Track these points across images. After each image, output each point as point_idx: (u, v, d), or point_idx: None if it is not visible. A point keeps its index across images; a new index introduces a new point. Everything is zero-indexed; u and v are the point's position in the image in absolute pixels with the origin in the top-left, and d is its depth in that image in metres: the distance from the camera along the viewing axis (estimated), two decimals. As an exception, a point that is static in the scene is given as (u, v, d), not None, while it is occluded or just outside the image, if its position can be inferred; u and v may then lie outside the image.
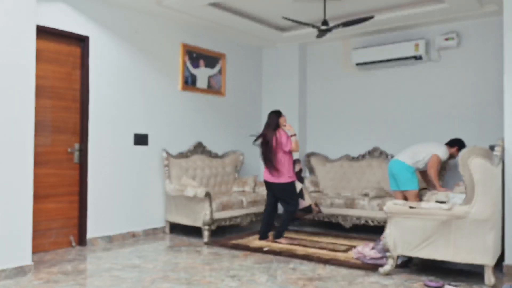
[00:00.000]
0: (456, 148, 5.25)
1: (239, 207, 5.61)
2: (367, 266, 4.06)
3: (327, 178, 6.68)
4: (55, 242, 4.75)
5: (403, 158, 5.13)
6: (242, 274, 3.83)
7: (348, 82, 6.79)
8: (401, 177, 5.09)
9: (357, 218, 5.64)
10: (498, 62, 5.25)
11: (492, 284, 3.48)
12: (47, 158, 4.68)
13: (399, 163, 5.12)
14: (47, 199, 4.68)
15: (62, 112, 4.83)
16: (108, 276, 3.77)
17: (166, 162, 5.62)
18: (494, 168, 3.54)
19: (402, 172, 5.09)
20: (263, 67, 7.41)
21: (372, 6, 5.58)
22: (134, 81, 5.45)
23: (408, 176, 5.07)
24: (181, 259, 4.39)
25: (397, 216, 3.78)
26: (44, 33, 4.60)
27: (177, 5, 5.29)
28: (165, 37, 5.83)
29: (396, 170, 5.13)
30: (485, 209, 3.46)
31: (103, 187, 5.09)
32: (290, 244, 4.97)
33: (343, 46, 6.83)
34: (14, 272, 3.66)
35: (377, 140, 6.51)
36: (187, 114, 6.12)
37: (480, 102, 5.73)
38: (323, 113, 7.03)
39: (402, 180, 5.09)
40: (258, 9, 5.78)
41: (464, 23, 5.82)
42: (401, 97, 6.33)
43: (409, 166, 5.08)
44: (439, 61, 6.02)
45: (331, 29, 5.11)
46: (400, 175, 5.10)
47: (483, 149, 3.62)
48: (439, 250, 3.62)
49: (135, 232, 5.42)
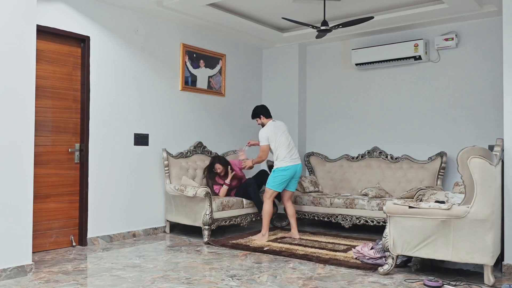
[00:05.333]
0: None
1: (239, 207, 5.62)
2: (367, 265, 4.07)
3: (326, 178, 6.69)
4: (55, 241, 4.76)
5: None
6: (242, 274, 3.84)
7: (347, 82, 6.81)
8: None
9: (357, 218, 5.65)
10: (497, 62, 5.27)
11: (491, 284, 3.49)
12: (48, 158, 4.70)
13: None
14: (47, 199, 4.69)
15: (62, 112, 4.84)
16: (109, 275, 3.78)
17: (166, 162, 5.63)
18: (493, 168, 3.55)
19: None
20: (263, 67, 7.42)
21: (372, 6, 5.60)
22: (134, 81, 5.46)
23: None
24: (181, 258, 4.40)
25: (396, 216, 3.79)
26: (44, 33, 4.61)
27: (177, 5, 5.30)
28: (165, 37, 5.84)
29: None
30: (484, 209, 3.47)
31: (103, 187, 5.11)
32: (290, 244, 4.98)
33: (342, 47, 6.84)
34: (14, 271, 3.66)
35: (376, 140, 6.52)
36: (187, 114, 6.13)
37: (479, 102, 5.74)
38: (323, 113, 7.05)
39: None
40: (258, 9, 5.79)
41: (463, 23, 5.84)
42: (401, 97, 6.34)
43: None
44: (438, 62, 6.04)
45: (330, 29, 5.12)
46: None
47: (483, 149, 3.62)
48: (438, 249, 3.63)
49: (135, 232, 5.43)
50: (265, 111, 5.47)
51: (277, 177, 5.23)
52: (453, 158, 5.57)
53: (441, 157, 5.83)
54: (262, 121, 5.44)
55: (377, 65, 6.39)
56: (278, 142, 5.26)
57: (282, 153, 5.23)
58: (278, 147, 5.25)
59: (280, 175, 5.22)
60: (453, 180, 5.74)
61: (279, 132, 5.31)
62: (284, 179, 5.24)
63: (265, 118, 5.44)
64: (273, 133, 5.28)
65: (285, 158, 5.22)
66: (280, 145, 5.25)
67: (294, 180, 5.36)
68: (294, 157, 5.30)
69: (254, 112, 5.51)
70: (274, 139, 5.26)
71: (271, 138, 5.27)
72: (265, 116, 5.44)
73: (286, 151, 5.24)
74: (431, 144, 6.04)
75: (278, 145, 5.26)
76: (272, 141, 5.27)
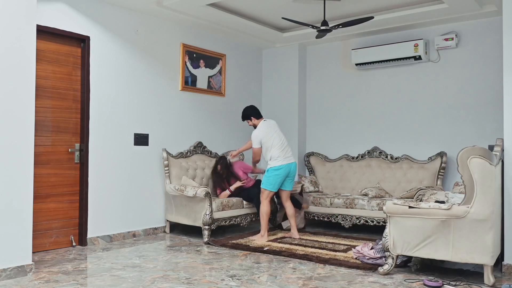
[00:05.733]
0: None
1: (239, 207, 5.62)
2: (367, 265, 4.07)
3: (326, 178, 6.69)
4: (55, 241, 4.76)
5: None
6: (242, 274, 3.84)
7: (347, 82, 6.81)
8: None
9: (357, 218, 5.65)
10: (497, 62, 5.27)
11: (491, 284, 3.49)
12: (48, 158, 4.70)
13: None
14: (47, 199, 4.69)
15: (62, 112, 4.84)
16: (109, 275, 3.78)
17: (166, 162, 5.63)
18: (493, 168, 3.55)
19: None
20: (263, 67, 7.42)
21: (372, 6, 5.60)
22: (134, 81, 5.47)
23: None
24: (181, 258, 4.40)
25: (396, 216, 3.79)
26: (44, 34, 4.61)
27: (177, 5, 5.30)
28: (165, 37, 5.84)
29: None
30: (484, 209, 3.47)
31: (103, 187, 5.11)
32: (290, 244, 4.98)
33: (342, 46, 6.84)
34: (14, 271, 3.66)
35: (376, 140, 6.52)
36: (187, 114, 6.13)
37: (479, 102, 5.74)
38: (323, 113, 7.05)
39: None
40: (258, 9, 5.79)
41: (463, 23, 5.83)
42: (401, 97, 6.34)
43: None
44: (438, 61, 6.04)
45: (330, 29, 5.13)
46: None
47: (482, 149, 3.62)
48: (438, 249, 3.63)
49: (135, 232, 5.43)
50: (255, 112, 5.43)
51: (271, 177, 5.22)
52: (453, 158, 5.58)
53: (441, 157, 5.83)
54: (254, 122, 5.41)
55: (377, 65, 6.39)
56: (271, 142, 5.23)
57: (276, 152, 5.21)
58: (272, 147, 5.22)
59: (273, 174, 5.20)
60: (453, 180, 5.74)
61: (271, 132, 5.29)
62: (279, 179, 5.22)
63: (255, 119, 5.41)
64: (266, 133, 5.26)
65: (278, 158, 5.20)
66: (274, 145, 5.23)
67: (289, 179, 5.34)
68: (288, 155, 5.28)
69: (244, 114, 5.47)
70: (266, 140, 5.24)
71: (264, 139, 5.25)
72: (256, 117, 5.41)
73: (279, 150, 5.22)
74: (431, 144, 6.04)
75: (271, 145, 5.23)
76: (265, 143, 5.24)
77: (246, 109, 5.49)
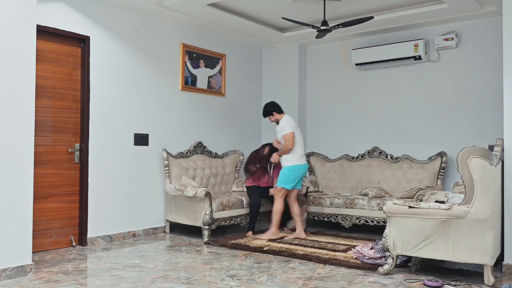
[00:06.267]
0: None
1: (239, 207, 5.62)
2: (367, 265, 4.07)
3: (326, 178, 6.69)
4: (55, 241, 4.76)
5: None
6: (242, 274, 3.84)
7: (347, 82, 6.81)
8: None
9: (357, 218, 5.65)
10: (497, 62, 5.27)
11: (491, 284, 3.49)
12: (48, 158, 4.70)
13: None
14: (47, 199, 4.69)
15: (62, 112, 4.84)
16: (109, 275, 3.78)
17: (166, 162, 5.63)
18: (493, 168, 3.55)
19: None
20: (263, 67, 7.42)
21: (372, 6, 5.60)
22: (134, 81, 5.46)
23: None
24: (181, 258, 4.40)
25: (396, 216, 3.79)
26: (44, 33, 4.61)
27: (177, 5, 5.30)
28: (165, 37, 5.84)
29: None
30: (484, 209, 3.47)
31: (103, 187, 5.11)
32: (290, 244, 4.98)
33: (342, 47, 6.84)
34: (14, 271, 3.66)
35: (376, 140, 6.52)
36: (187, 114, 6.13)
37: (480, 102, 5.74)
38: (323, 113, 7.05)
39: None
40: (258, 9, 5.79)
41: (463, 23, 5.83)
42: (401, 97, 6.34)
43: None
44: (438, 61, 6.04)
45: (330, 29, 5.13)
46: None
47: (483, 149, 3.62)
48: (438, 249, 3.63)
49: (135, 232, 5.43)
50: (277, 107, 5.42)
51: (291, 176, 5.18)
52: (453, 158, 5.58)
53: (441, 157, 5.83)
54: (276, 117, 5.37)
55: (377, 65, 6.39)
56: (298, 137, 5.24)
57: (298, 148, 5.20)
58: (297, 143, 5.22)
59: (294, 173, 5.18)
60: (453, 180, 5.74)
61: (296, 127, 5.31)
62: (298, 178, 5.22)
63: (278, 114, 5.39)
64: (294, 126, 5.26)
65: (300, 155, 5.21)
66: (299, 141, 5.23)
67: (301, 179, 5.36)
68: (304, 154, 5.32)
69: (266, 110, 5.43)
70: (295, 131, 5.24)
71: (295, 128, 5.24)
72: (278, 112, 5.40)
73: (301, 147, 5.23)
74: (431, 144, 6.04)
75: (297, 140, 5.22)
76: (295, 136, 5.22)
77: (268, 105, 5.45)
